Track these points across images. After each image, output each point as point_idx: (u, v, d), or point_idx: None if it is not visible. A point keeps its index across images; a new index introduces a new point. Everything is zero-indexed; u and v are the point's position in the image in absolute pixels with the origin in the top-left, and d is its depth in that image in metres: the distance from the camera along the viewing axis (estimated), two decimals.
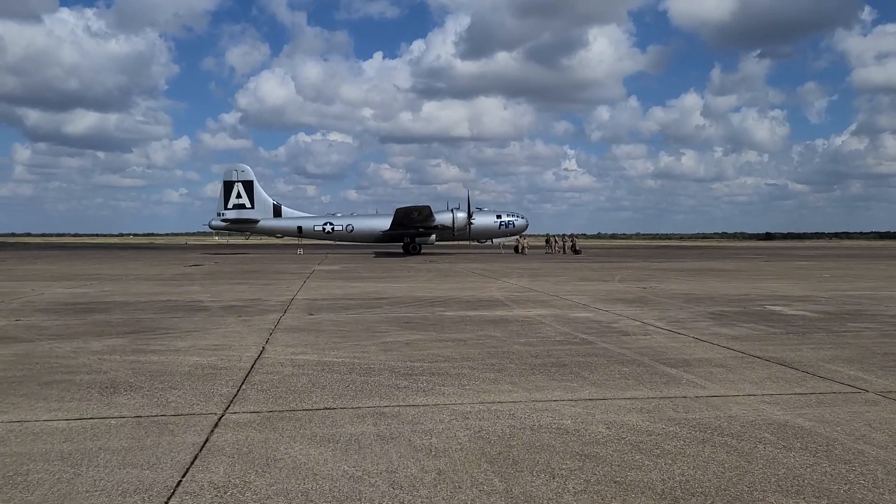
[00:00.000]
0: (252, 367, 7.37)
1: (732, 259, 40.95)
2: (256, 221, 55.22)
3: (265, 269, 28.57)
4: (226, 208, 55.59)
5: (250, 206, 55.94)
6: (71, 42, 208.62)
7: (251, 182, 56.35)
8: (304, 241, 59.83)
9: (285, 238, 59.97)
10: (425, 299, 14.92)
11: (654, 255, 50.64)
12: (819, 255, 50.92)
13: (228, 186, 56.09)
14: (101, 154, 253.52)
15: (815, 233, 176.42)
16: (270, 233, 58.32)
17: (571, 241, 57.50)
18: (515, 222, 55.63)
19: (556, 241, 57.36)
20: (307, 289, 17.77)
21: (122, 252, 58.38)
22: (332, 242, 58.38)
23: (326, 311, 12.54)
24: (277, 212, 56.47)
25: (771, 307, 13.31)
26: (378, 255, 48.10)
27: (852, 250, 68.63)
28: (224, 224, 55.97)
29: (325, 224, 55.13)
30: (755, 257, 44.29)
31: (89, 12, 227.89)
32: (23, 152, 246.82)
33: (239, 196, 56.48)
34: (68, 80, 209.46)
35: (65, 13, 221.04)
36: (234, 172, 56.34)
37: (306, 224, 55.38)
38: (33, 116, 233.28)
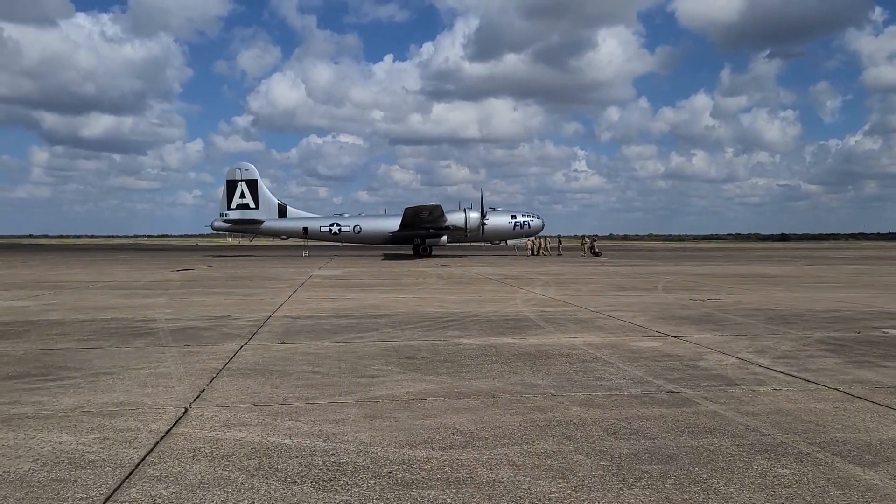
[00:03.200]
0: (143, 459, 4.35)
1: (770, 262, 37.58)
2: (261, 222, 52.43)
3: (259, 274, 25.64)
4: (229, 209, 52.89)
5: (254, 206, 53.20)
6: (87, 47, 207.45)
7: (255, 181, 53.59)
8: (311, 243, 57.01)
9: (291, 239, 57.25)
10: (436, 317, 11.88)
11: (680, 257, 47.27)
12: (858, 257, 47.29)
13: (231, 186, 53.37)
14: (116, 157, 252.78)
15: (831, 234, 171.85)
16: (275, 234, 55.64)
17: (591, 243, 54.25)
18: (531, 223, 52.46)
19: (542, 243, 53.52)
20: (294, 301, 14.77)
21: (125, 254, 55.91)
22: (339, 244, 55.56)
23: (305, 338, 9.52)
24: (283, 212, 53.70)
25: (893, 332, 10.14)
26: (386, 257, 45.16)
27: (884, 251, 64.71)
28: (227, 225, 53.27)
29: (332, 225, 52.21)
30: (793, 260, 40.86)
31: (105, 17, 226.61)
32: (40, 155, 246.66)
33: (243, 196, 53.75)
34: (84, 84, 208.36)
35: (81, 18, 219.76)
36: (238, 171, 53.62)
37: (312, 225, 52.50)
38: (50, 120, 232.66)
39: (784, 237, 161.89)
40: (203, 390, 6.30)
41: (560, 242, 56.85)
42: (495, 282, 21.09)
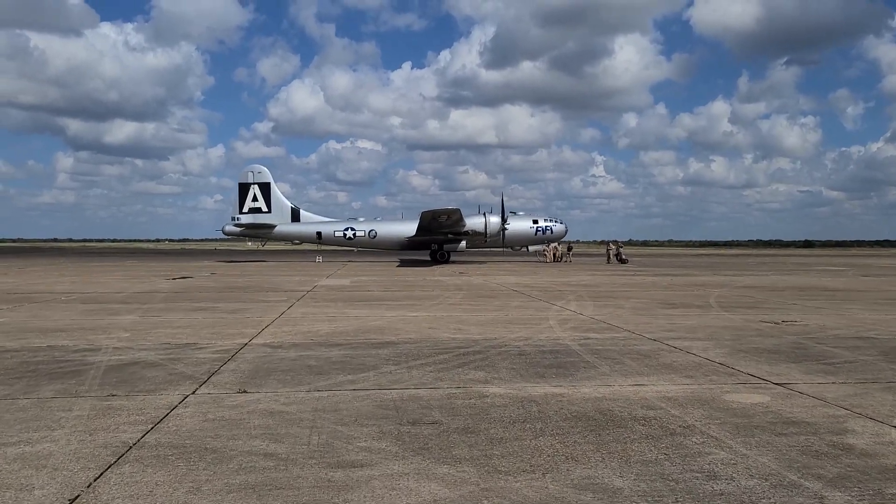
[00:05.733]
0: None
1: (817, 272, 34.58)
2: (273, 227, 50.34)
3: (259, 283, 23.33)
4: (241, 212, 50.92)
5: (267, 209, 51.20)
6: (111, 55, 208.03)
7: (268, 184, 51.60)
8: (326, 248, 54.89)
9: (305, 244, 55.15)
10: (453, 347, 9.40)
11: (713, 265, 44.26)
12: None
13: (244, 189, 51.45)
14: (139, 162, 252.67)
15: (855, 241, 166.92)
16: (288, 238, 53.55)
17: (617, 250, 51.34)
18: (553, 228, 49.85)
19: (556, 249, 50.10)
20: (284, 321, 12.37)
21: (134, 259, 54.21)
22: (354, 249, 53.32)
23: (277, 382, 7.08)
24: (296, 216, 51.63)
25: None
26: (402, 263, 42.84)
27: None
28: (238, 230, 51.21)
29: (346, 230, 49.93)
30: (838, 269, 37.76)
31: (129, 27, 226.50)
32: (65, 161, 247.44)
33: (255, 199, 51.80)
34: (108, 92, 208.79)
35: (105, 27, 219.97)
36: (250, 174, 51.71)
37: (326, 229, 50.24)
38: (75, 126, 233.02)
39: (808, 244, 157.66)
40: (76, 498, 3.89)
41: (570, 249, 53.39)
42: (521, 294, 18.56)
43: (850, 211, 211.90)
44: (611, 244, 53.29)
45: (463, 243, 46.19)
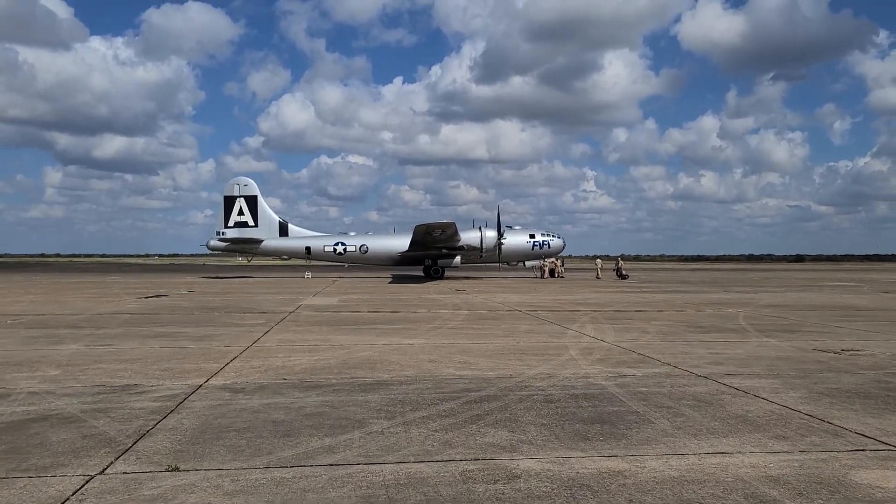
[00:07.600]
0: None
1: (829, 289, 32.91)
2: (260, 241, 48.15)
3: (237, 302, 21.32)
4: (226, 226, 48.73)
5: (253, 223, 49.01)
6: (101, 70, 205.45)
7: (255, 197, 49.48)
8: (316, 264, 52.90)
9: (293, 260, 53.16)
10: (460, 389, 7.50)
11: (717, 281, 42.59)
12: None
13: (229, 202, 49.32)
14: (128, 177, 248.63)
15: (846, 255, 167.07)
16: (275, 254, 51.43)
17: (617, 265, 49.64)
18: (550, 242, 47.92)
19: (553, 263, 48.29)
20: (255, 351, 10.42)
21: (114, 276, 52.09)
22: (345, 264, 51.37)
23: (226, 448, 5.15)
24: (284, 230, 49.48)
25: None
26: (394, 279, 40.95)
27: None
28: (224, 244, 48.97)
29: (336, 244, 47.80)
30: (850, 285, 36.13)
31: (118, 41, 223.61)
32: (53, 175, 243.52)
33: (241, 213, 49.58)
34: (98, 107, 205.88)
35: (95, 42, 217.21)
36: (236, 186, 49.64)
37: (315, 244, 48.08)
38: (64, 141, 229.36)
39: (799, 258, 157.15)
40: None
41: (562, 263, 51.35)
42: (528, 316, 16.67)
43: (838, 225, 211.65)
44: (598, 260, 51.23)
45: (458, 258, 44.31)
